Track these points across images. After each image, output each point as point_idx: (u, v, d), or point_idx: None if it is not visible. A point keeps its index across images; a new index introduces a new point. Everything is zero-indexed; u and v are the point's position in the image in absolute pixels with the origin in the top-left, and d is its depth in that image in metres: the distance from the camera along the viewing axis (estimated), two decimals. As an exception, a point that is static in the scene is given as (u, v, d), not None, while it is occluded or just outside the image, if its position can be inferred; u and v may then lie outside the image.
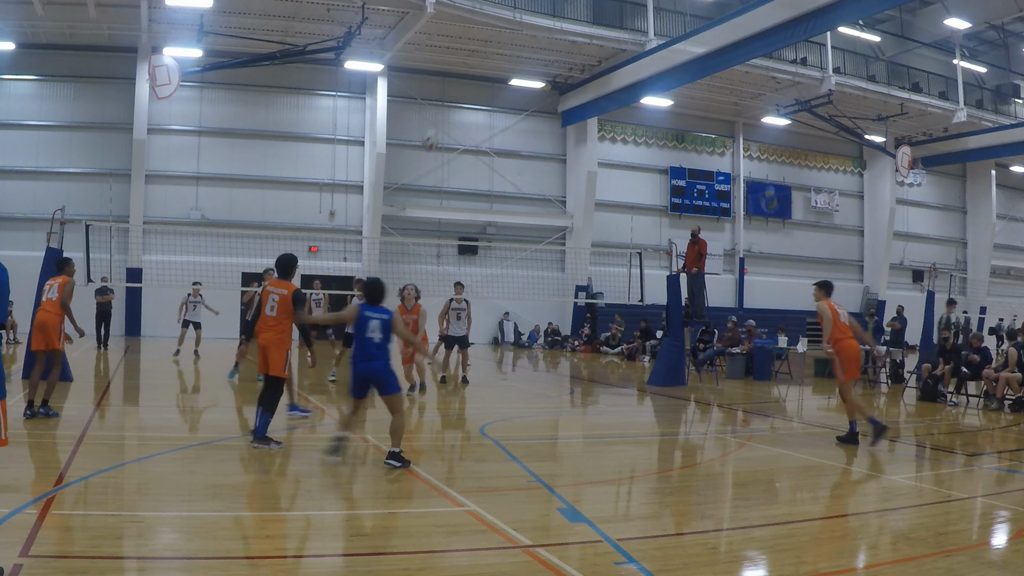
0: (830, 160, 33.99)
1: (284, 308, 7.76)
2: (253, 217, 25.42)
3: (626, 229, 29.61)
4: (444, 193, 28.03)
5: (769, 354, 17.75)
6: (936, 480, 7.76)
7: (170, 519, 5.37)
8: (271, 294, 7.85)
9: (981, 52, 32.53)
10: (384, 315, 7.20)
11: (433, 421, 10.84)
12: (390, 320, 7.20)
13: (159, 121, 24.79)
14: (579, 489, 6.81)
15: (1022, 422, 11.78)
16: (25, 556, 4.29)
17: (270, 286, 7.94)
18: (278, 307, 7.79)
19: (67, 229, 12.96)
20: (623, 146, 30.41)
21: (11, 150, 23.88)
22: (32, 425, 8.53)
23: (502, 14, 23.02)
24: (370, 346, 7.09)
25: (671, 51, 22.92)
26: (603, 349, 25.41)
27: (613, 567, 4.64)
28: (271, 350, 7.76)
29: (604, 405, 13.86)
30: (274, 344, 7.77)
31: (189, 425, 9.72)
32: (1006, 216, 37.41)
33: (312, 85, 26.38)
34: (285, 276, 8.00)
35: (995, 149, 31.68)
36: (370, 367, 7.08)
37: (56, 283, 10.04)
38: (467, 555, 4.84)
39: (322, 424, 9.80)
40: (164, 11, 22.21)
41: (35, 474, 6.40)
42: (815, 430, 10.64)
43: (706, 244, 17.17)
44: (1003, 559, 5.21)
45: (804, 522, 5.85)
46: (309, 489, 6.57)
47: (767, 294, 31.59)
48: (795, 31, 19.08)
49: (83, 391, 11.35)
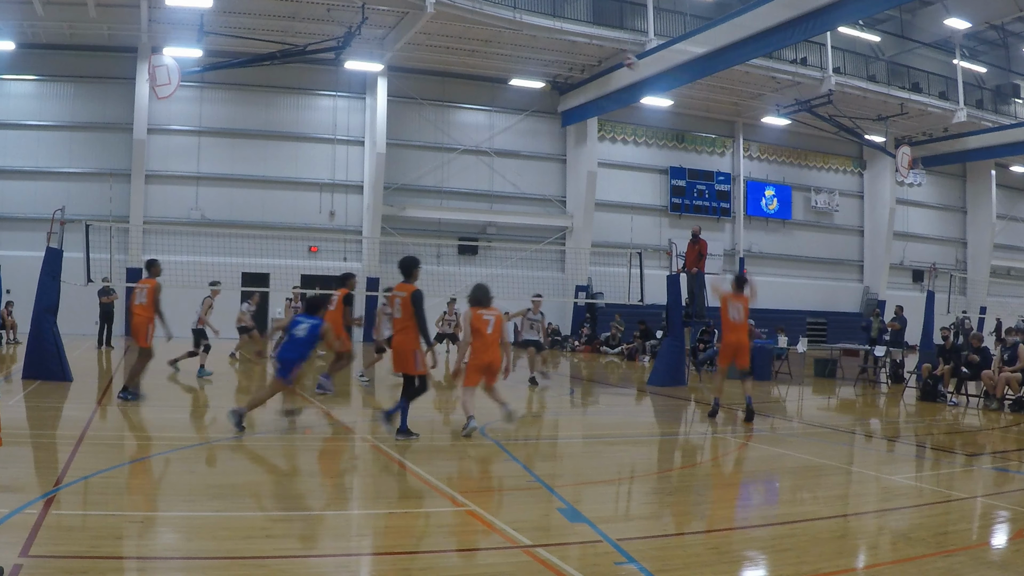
0: (830, 160, 33.99)
1: (406, 309, 8.14)
2: (253, 217, 25.42)
3: (626, 229, 29.61)
4: (444, 193, 28.03)
5: (769, 354, 17.75)
6: (936, 480, 7.76)
7: (170, 519, 5.38)
8: (396, 297, 8.28)
9: (981, 52, 32.52)
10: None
11: (433, 421, 10.84)
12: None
13: (159, 121, 24.79)
14: (579, 489, 6.81)
15: (1022, 422, 11.79)
16: (25, 556, 4.29)
17: (396, 289, 8.37)
18: (402, 308, 8.19)
19: (67, 229, 12.94)
20: (623, 146, 30.42)
21: (11, 150, 23.88)
22: (32, 425, 8.54)
23: (502, 14, 23.01)
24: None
25: (671, 51, 22.92)
26: (603, 349, 25.41)
27: (613, 567, 4.64)
28: (402, 351, 8.19)
29: (604, 405, 13.86)
30: (403, 345, 8.18)
31: (189, 425, 9.72)
32: (1006, 216, 37.40)
33: (312, 85, 26.38)
34: (407, 278, 8.37)
35: (995, 149, 31.67)
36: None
37: (145, 287, 10.69)
38: (467, 555, 4.84)
39: (326, 425, 9.80)
40: (164, 11, 22.22)
41: (35, 474, 6.40)
42: (815, 430, 10.64)
43: (706, 244, 17.18)
44: (1003, 559, 5.21)
45: (804, 522, 5.85)
46: (309, 489, 6.58)
47: (767, 294, 31.47)
48: (795, 31, 19.09)
49: (84, 391, 11.35)
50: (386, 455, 7.66)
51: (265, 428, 8.83)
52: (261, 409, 9.00)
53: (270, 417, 10.17)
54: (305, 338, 8.45)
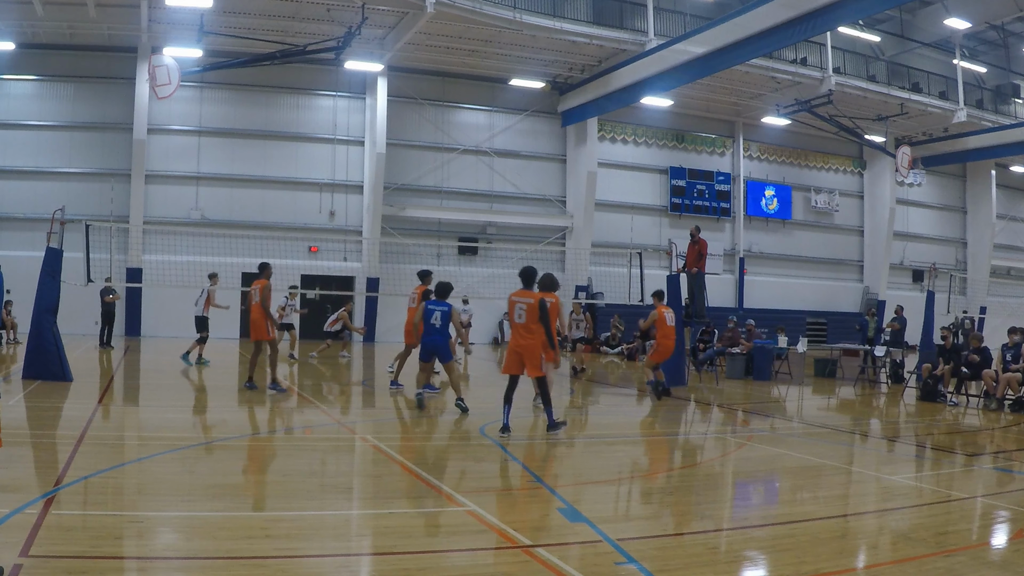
0: (830, 160, 33.98)
1: (531, 315, 8.72)
2: (253, 217, 25.41)
3: (626, 229, 29.60)
4: (444, 193, 28.02)
5: (769, 354, 17.74)
6: (936, 480, 7.76)
7: (170, 519, 5.37)
8: (517, 303, 8.84)
9: (981, 52, 32.52)
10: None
11: (433, 421, 10.85)
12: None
13: (159, 121, 24.78)
14: (579, 489, 6.81)
15: (1022, 422, 11.79)
16: (25, 556, 4.29)
17: (515, 296, 8.90)
18: (526, 315, 8.73)
19: (67, 229, 12.95)
20: (623, 146, 30.41)
21: (11, 150, 23.87)
22: (32, 425, 8.54)
23: (502, 14, 23.01)
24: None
25: (671, 51, 22.90)
26: (603, 349, 25.41)
27: (613, 567, 4.64)
28: (525, 355, 8.76)
29: (604, 405, 13.86)
30: (527, 348, 8.75)
31: (189, 425, 9.72)
32: (1006, 216, 37.40)
33: (312, 85, 26.37)
34: (527, 286, 8.96)
35: (995, 149, 31.66)
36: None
37: (256, 287, 11.89)
38: (467, 555, 4.84)
39: (326, 425, 9.80)
40: (164, 11, 22.21)
41: (35, 474, 6.40)
42: (815, 430, 10.64)
43: (706, 244, 17.16)
44: (1003, 559, 5.22)
45: (804, 522, 5.84)
46: (309, 489, 6.57)
47: (767, 294, 31.60)
48: (795, 31, 19.07)
49: (84, 391, 11.35)
50: (386, 455, 7.66)
51: (265, 428, 8.83)
52: (261, 409, 9.00)
53: (270, 417, 10.17)
54: (443, 324, 10.14)
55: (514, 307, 8.83)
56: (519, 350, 8.80)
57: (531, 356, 8.74)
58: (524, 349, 8.76)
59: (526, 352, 8.75)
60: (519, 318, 8.75)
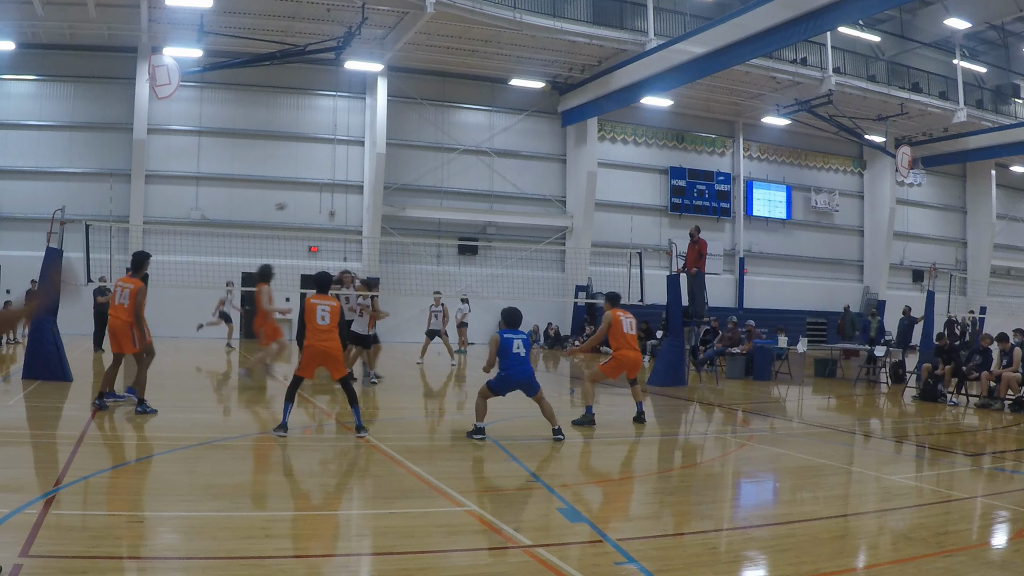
0: (830, 160, 33.98)
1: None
2: (253, 217, 25.42)
3: (626, 229, 29.60)
4: (444, 193, 28.02)
5: (769, 354, 17.75)
6: (936, 480, 7.76)
7: (170, 519, 5.37)
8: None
9: (981, 52, 32.52)
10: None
11: (433, 421, 10.85)
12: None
13: (159, 121, 24.79)
14: (579, 489, 6.81)
15: (1022, 422, 11.79)
16: (25, 556, 4.29)
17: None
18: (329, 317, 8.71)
19: (67, 229, 12.96)
20: (623, 146, 30.41)
21: (11, 150, 23.87)
22: (32, 425, 8.54)
23: (502, 14, 23.01)
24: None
25: (671, 51, 22.91)
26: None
27: (613, 567, 4.64)
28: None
29: (604, 405, 13.83)
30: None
31: (189, 425, 9.71)
32: (1006, 216, 37.40)
33: (312, 85, 26.37)
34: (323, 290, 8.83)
35: (995, 149, 31.65)
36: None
37: (258, 289, 11.73)
38: (467, 555, 4.84)
39: (326, 425, 9.80)
40: (164, 11, 22.21)
41: (35, 474, 6.40)
42: (815, 430, 10.64)
43: (706, 244, 17.17)
44: (1003, 559, 5.21)
45: (804, 522, 5.85)
46: (309, 489, 6.58)
47: (767, 294, 31.59)
48: (795, 31, 19.08)
49: (84, 391, 11.34)
50: (386, 455, 7.66)
51: (264, 428, 8.83)
52: (261, 409, 8.98)
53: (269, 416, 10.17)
54: (527, 353, 8.99)
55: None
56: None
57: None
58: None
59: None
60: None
